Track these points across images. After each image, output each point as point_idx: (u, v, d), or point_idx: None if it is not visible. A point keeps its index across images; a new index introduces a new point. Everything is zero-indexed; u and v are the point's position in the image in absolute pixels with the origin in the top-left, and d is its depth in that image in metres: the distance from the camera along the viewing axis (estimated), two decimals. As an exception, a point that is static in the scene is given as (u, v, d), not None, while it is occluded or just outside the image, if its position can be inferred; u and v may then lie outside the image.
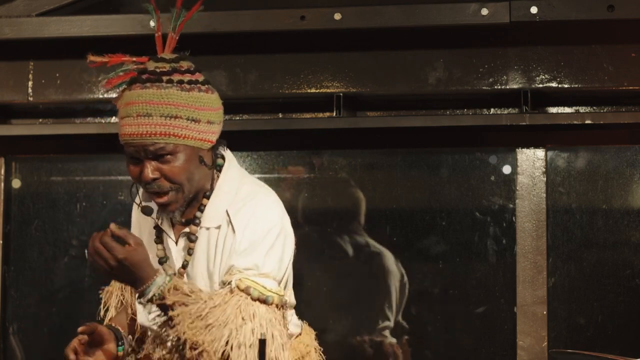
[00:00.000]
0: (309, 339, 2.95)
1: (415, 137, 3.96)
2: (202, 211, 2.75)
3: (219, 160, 2.79)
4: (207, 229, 2.74)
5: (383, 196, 4.04)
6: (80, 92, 4.00)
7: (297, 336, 2.91)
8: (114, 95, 2.78)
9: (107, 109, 4.10)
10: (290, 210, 2.85)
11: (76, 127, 4.08)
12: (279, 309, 2.67)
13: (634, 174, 3.90)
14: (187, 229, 2.76)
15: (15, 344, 4.19)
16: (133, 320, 2.92)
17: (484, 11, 3.65)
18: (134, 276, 2.58)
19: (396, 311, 4.01)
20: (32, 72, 4.03)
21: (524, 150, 3.87)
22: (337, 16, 3.72)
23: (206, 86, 2.71)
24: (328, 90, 3.89)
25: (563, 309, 3.85)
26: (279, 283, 2.70)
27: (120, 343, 2.79)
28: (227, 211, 2.72)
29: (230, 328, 2.56)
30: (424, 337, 3.98)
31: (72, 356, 2.69)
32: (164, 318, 2.62)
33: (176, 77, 2.67)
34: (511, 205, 3.89)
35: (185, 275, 2.75)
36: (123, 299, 2.96)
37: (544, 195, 3.84)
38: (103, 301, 2.98)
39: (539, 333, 3.80)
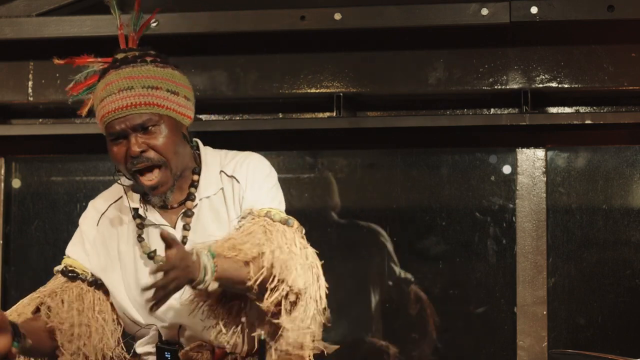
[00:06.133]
0: None
1: (415, 137, 3.96)
2: (195, 187, 2.77)
3: (194, 142, 2.84)
4: (208, 197, 2.76)
5: (383, 196, 4.04)
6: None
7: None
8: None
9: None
10: (290, 209, 2.84)
11: (76, 127, 4.07)
12: (300, 233, 2.71)
13: (634, 174, 3.90)
14: (184, 209, 2.76)
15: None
16: (52, 337, 2.77)
17: (484, 11, 3.65)
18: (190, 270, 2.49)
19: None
20: (32, 72, 4.03)
21: (524, 150, 3.86)
22: (337, 16, 3.72)
23: (178, 69, 2.78)
24: (328, 90, 3.89)
25: (563, 309, 3.85)
26: None
27: (16, 339, 2.57)
28: (221, 172, 2.78)
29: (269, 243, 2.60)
30: (424, 337, 3.97)
31: None
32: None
33: (148, 58, 2.74)
34: (511, 205, 3.89)
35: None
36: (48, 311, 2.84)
37: (544, 195, 3.84)
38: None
39: (539, 333, 3.80)
